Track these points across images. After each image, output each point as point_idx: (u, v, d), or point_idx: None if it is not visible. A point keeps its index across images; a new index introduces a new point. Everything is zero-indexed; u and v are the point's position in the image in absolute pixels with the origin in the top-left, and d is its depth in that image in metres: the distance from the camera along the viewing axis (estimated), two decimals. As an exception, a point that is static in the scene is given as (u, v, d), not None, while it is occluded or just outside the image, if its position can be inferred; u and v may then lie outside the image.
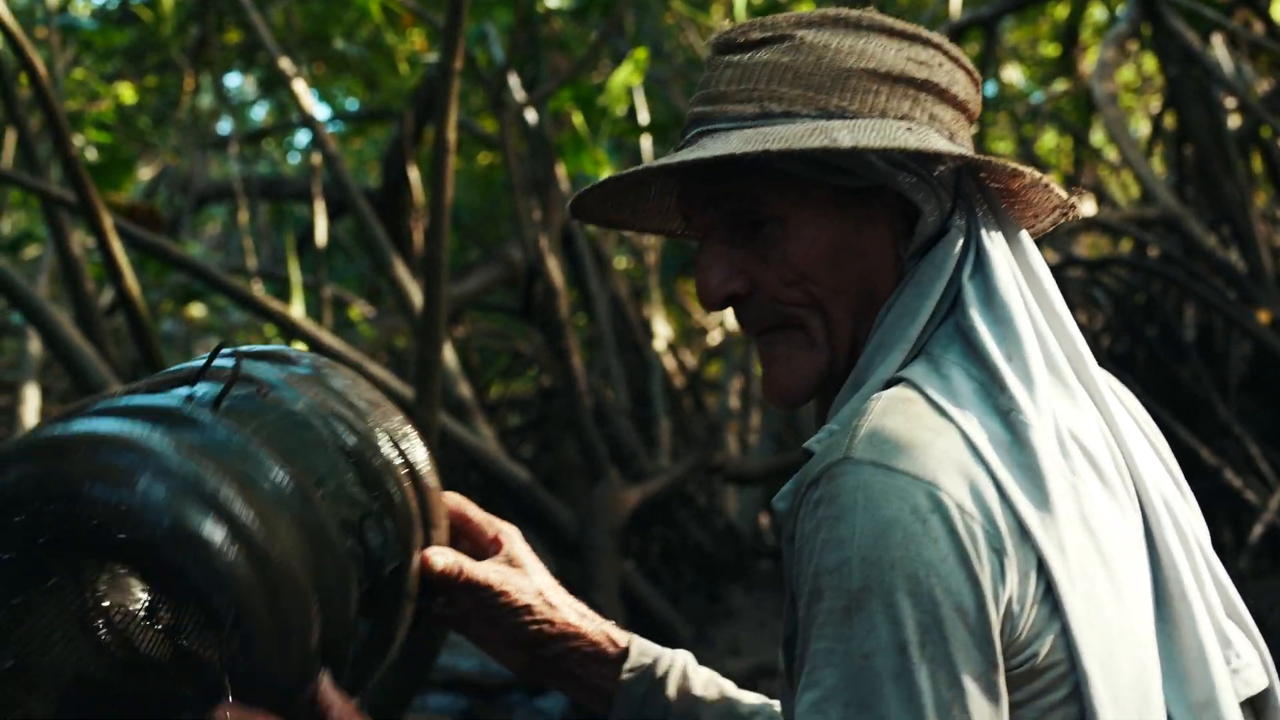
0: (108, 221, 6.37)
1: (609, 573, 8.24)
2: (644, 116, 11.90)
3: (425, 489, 2.10)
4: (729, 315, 13.24)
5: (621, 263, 15.18)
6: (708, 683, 2.28)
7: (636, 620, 8.59)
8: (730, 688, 2.30)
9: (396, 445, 2.07)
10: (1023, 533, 1.82)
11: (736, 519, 10.65)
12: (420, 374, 6.72)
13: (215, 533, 1.72)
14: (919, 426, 1.85)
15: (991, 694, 1.79)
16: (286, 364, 2.07)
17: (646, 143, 12.32)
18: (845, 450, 1.82)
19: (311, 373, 2.07)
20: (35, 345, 13.40)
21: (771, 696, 2.20)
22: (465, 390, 8.90)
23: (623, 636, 2.26)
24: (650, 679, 2.23)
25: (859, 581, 1.77)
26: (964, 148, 2.02)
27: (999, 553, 1.80)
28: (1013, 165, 2.01)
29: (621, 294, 12.11)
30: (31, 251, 16.16)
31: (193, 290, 15.19)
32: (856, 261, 2.01)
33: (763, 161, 1.97)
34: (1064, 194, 2.07)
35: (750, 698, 2.29)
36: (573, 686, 2.25)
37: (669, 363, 12.80)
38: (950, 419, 1.87)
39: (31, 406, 13.57)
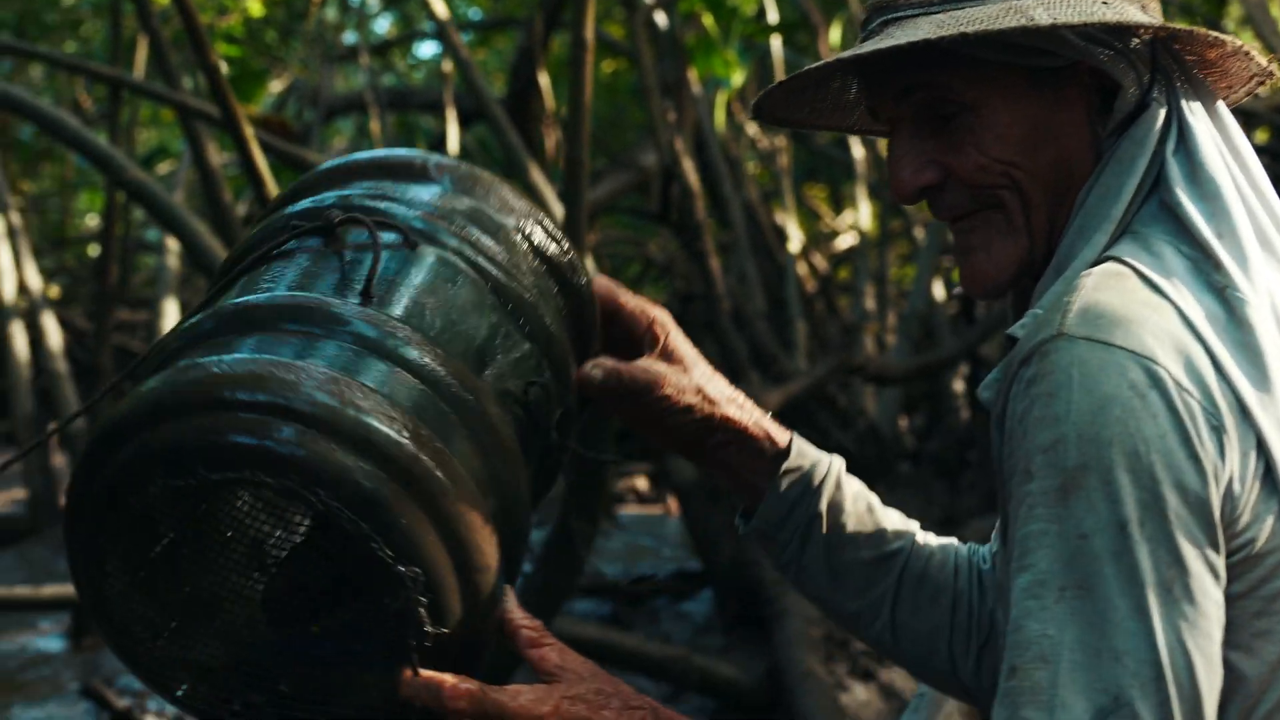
0: (249, 130, 6.38)
1: (752, 475, 8.20)
2: (773, 16, 11.79)
3: (578, 297, 2.02)
4: (863, 218, 13.18)
5: (750, 168, 15.09)
6: (857, 497, 2.23)
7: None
8: (876, 504, 2.25)
9: (544, 257, 1.97)
10: (1242, 411, 1.75)
11: (877, 420, 10.58)
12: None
13: (368, 481, 1.63)
14: (1133, 301, 1.78)
15: (1211, 574, 1.72)
16: (415, 182, 1.95)
17: (776, 43, 12.21)
18: (1058, 327, 1.75)
19: (443, 190, 1.95)
20: (173, 260, 13.54)
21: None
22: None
23: (782, 435, 2.20)
24: (805, 485, 2.18)
25: (1075, 459, 1.70)
26: (1159, 20, 1.95)
27: (1218, 431, 1.73)
28: (1212, 34, 1.93)
29: (753, 198, 12.04)
30: (163, 167, 16.30)
31: (324, 203, 15.24)
32: (1052, 144, 1.94)
33: (952, 48, 1.90)
34: (1263, 61, 1.99)
35: (895, 521, 2.26)
36: (728, 478, 2.20)
37: (800, 268, 12.73)
38: (1164, 295, 1.79)
39: (170, 318, 13.73)
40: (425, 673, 1.71)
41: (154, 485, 1.66)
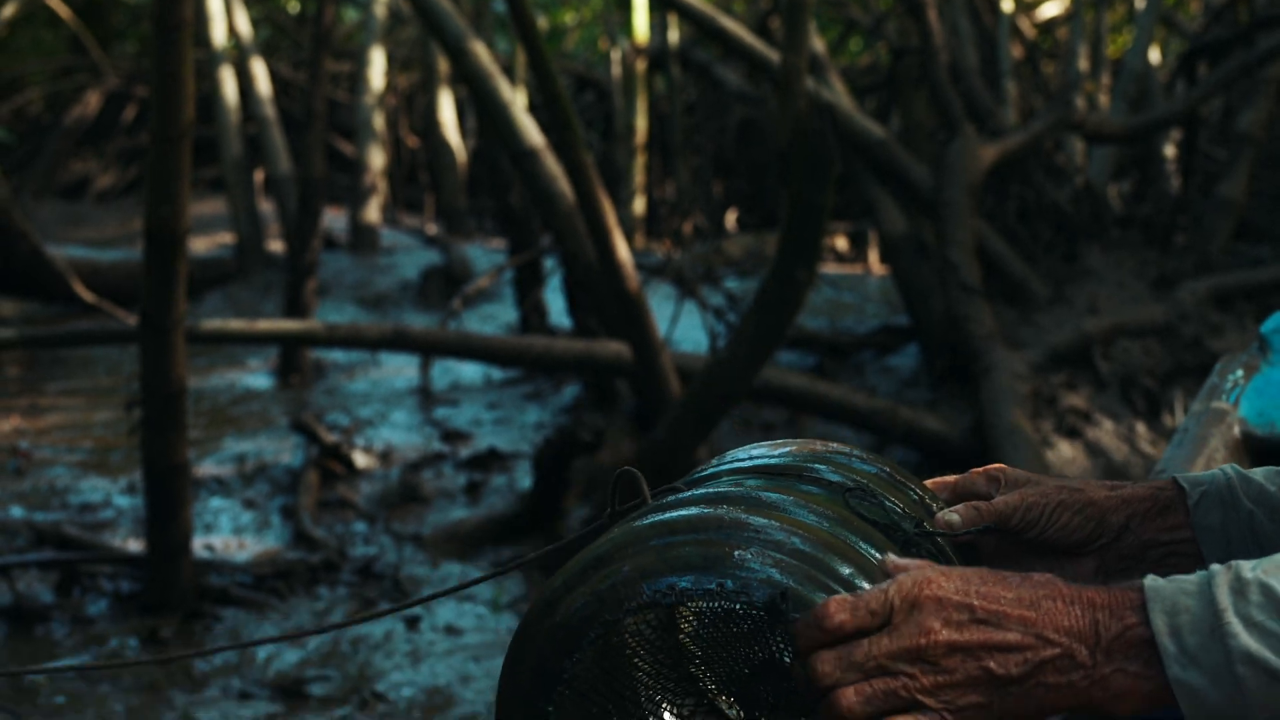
0: None
1: (964, 230, 8.11)
2: None
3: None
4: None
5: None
6: (1268, 475, 1.94)
7: (992, 279, 8.47)
8: None
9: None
10: None
11: (1091, 179, 10.40)
12: (789, 18, 6.62)
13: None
14: None
15: None
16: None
17: None
18: None
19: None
20: (380, 10, 13.56)
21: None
22: (819, 44, 8.76)
23: (1163, 481, 1.96)
24: (1221, 502, 1.92)
25: None
26: None
27: None
28: None
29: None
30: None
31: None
32: None
33: None
34: None
35: None
36: (1154, 559, 1.93)
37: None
38: None
39: (377, 69, 13.79)
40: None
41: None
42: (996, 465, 1.95)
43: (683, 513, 1.62)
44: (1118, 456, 7.61)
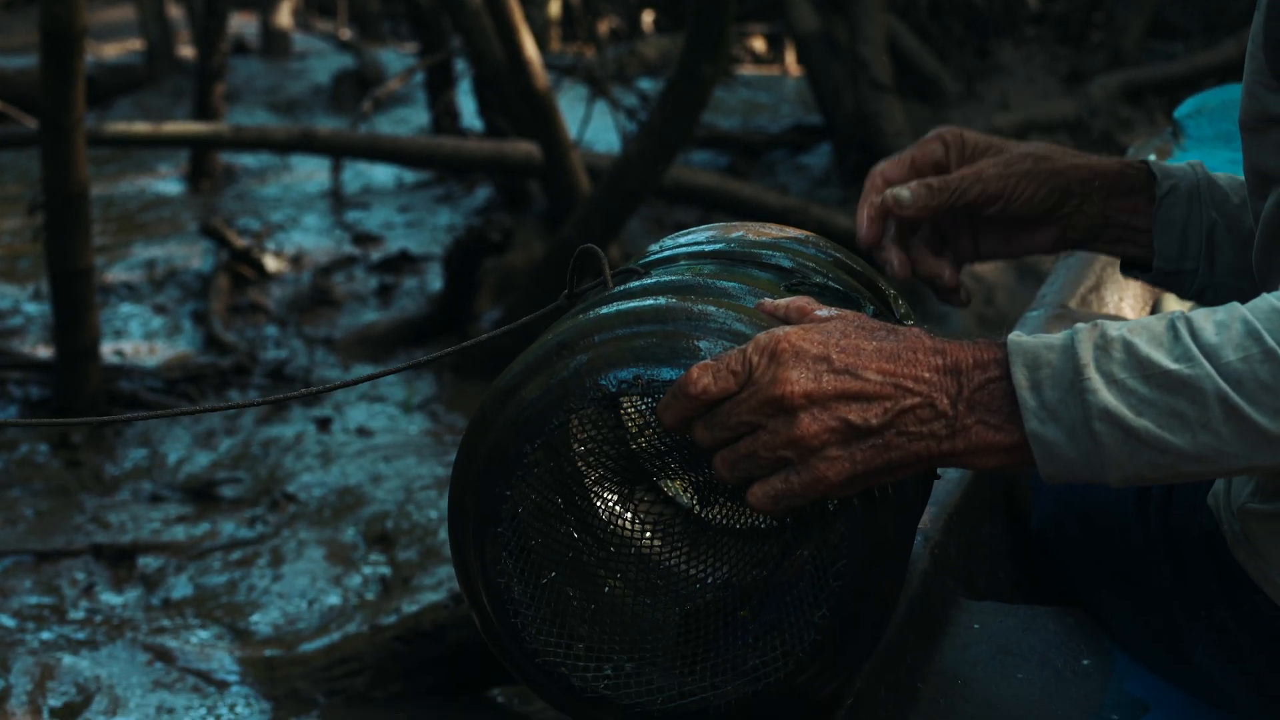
0: None
1: (876, 25, 8.07)
2: None
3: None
4: None
5: None
6: (1231, 185, 1.94)
7: (903, 76, 8.44)
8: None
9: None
10: None
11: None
12: None
13: None
14: None
15: None
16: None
17: None
18: None
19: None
20: None
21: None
22: None
23: (1135, 164, 1.93)
24: (1188, 199, 1.93)
25: None
26: None
27: None
28: None
29: None
30: None
31: None
32: None
33: None
34: None
35: None
36: (1108, 239, 1.95)
37: None
38: None
39: None
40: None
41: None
42: (951, 129, 1.93)
43: (649, 302, 1.59)
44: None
